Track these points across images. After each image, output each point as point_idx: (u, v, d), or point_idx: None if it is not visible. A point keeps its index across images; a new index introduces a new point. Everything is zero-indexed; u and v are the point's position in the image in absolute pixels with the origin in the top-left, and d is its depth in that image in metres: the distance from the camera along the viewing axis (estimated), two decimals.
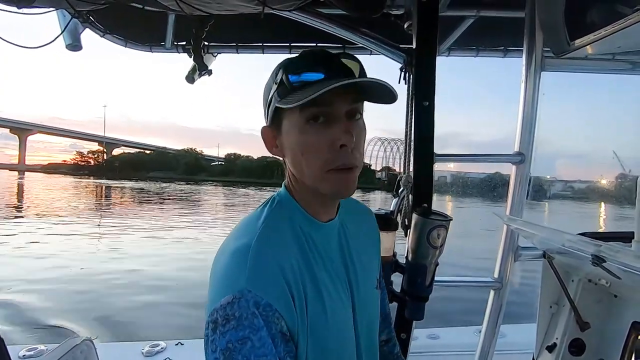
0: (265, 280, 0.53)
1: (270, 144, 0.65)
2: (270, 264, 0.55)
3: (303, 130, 0.58)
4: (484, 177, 34.05)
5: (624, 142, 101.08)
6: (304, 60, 0.59)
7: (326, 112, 0.57)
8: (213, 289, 0.55)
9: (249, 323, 0.50)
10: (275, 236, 0.59)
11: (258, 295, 0.51)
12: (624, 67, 1.32)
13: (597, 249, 0.81)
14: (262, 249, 0.56)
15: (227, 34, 1.57)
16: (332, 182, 0.59)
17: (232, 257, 0.56)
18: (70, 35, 1.33)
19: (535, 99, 1.25)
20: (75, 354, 1.18)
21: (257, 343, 0.49)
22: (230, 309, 0.51)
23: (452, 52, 1.57)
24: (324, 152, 0.58)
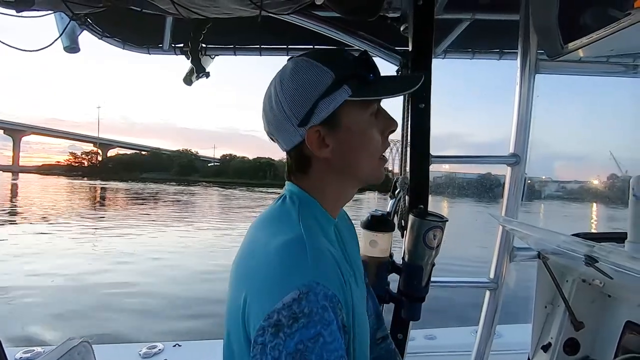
0: (328, 271, 0.51)
1: (320, 145, 0.61)
2: (326, 254, 0.53)
3: (370, 123, 0.62)
4: (476, 177, 34.20)
5: (617, 143, 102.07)
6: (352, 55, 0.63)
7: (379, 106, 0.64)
8: (265, 290, 0.50)
9: (320, 318, 0.46)
10: (316, 228, 0.58)
11: (326, 286, 0.48)
12: (617, 69, 1.34)
13: (590, 250, 0.82)
14: (314, 239, 0.54)
15: (225, 36, 1.58)
16: (381, 167, 0.66)
17: (286, 250, 0.52)
18: (68, 37, 1.34)
19: (530, 101, 1.27)
20: (72, 356, 1.18)
21: (329, 338, 0.46)
22: (297, 306, 0.46)
23: (448, 54, 1.58)
24: (381, 141, 0.64)
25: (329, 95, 0.58)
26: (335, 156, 0.61)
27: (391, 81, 0.65)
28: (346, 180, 0.65)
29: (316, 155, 0.61)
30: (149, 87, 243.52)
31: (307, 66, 0.60)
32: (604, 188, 27.38)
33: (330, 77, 0.59)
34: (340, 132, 0.61)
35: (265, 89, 0.65)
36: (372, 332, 0.84)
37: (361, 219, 1.21)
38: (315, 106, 0.59)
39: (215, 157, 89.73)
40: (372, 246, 1.18)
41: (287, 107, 0.60)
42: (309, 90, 0.59)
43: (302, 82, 0.60)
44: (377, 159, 0.64)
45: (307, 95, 0.59)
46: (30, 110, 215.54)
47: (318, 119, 0.59)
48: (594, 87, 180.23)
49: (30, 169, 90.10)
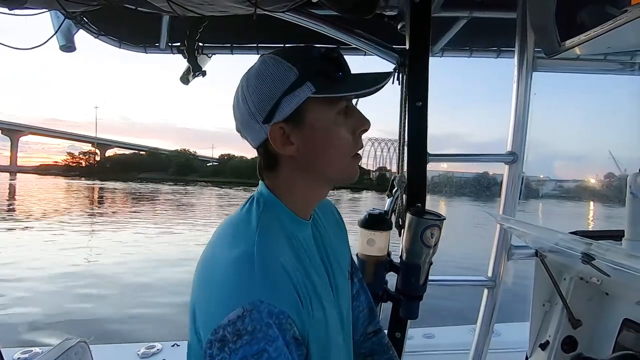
0: (276, 288, 0.51)
1: (283, 142, 0.60)
2: (277, 270, 0.53)
3: (337, 121, 0.61)
4: (472, 176, 34.29)
5: (614, 141, 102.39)
6: (319, 52, 0.62)
7: (349, 103, 0.63)
8: (211, 303, 0.52)
9: (264, 335, 0.47)
10: (273, 240, 0.57)
11: (271, 304, 0.49)
12: (615, 67, 1.34)
13: (587, 247, 0.82)
14: (266, 254, 0.54)
15: (222, 35, 1.57)
16: (354, 166, 0.64)
17: (234, 267, 0.53)
18: (64, 36, 1.33)
19: (527, 99, 1.27)
20: (69, 356, 1.18)
21: (274, 353, 0.47)
22: (241, 323, 0.47)
23: (445, 52, 1.58)
24: (352, 140, 0.62)
25: (292, 92, 0.58)
26: (301, 154, 0.61)
27: (358, 79, 0.62)
28: (314, 179, 0.64)
29: (282, 154, 0.61)
30: (149, 87, 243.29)
31: (273, 63, 0.60)
32: (601, 187, 27.42)
33: (294, 74, 0.59)
34: (305, 129, 0.60)
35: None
36: (363, 326, 0.84)
37: (359, 218, 1.21)
38: (278, 103, 0.59)
39: (214, 157, 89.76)
40: (370, 245, 1.18)
41: (252, 103, 0.60)
42: (273, 87, 0.59)
43: (267, 79, 0.60)
44: (348, 158, 0.63)
45: (270, 92, 0.59)
46: (30, 110, 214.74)
47: (281, 115, 0.59)
48: (591, 85, 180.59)
49: (28, 169, 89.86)
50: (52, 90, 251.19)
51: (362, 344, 0.84)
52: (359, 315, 0.83)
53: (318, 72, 0.59)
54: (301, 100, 0.58)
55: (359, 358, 0.84)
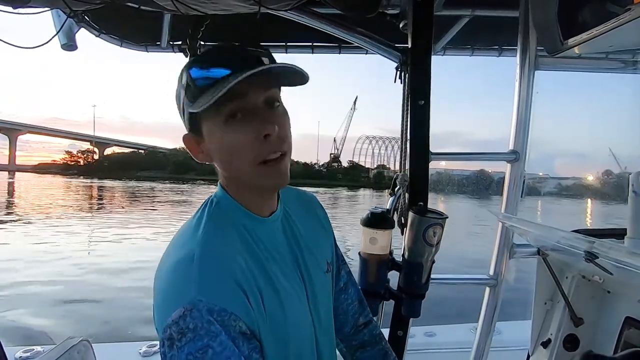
0: (215, 286, 0.53)
1: (195, 151, 0.62)
2: (217, 269, 0.54)
3: (225, 130, 0.57)
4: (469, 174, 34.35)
5: (615, 140, 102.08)
6: (206, 57, 0.58)
7: (243, 106, 0.56)
8: (160, 306, 0.54)
9: (206, 331, 0.49)
10: (218, 240, 0.58)
11: (210, 302, 0.51)
12: (617, 65, 1.34)
13: (590, 246, 0.82)
14: (206, 255, 0.55)
15: (223, 34, 1.56)
16: (265, 175, 0.59)
17: (176, 269, 0.55)
18: (66, 35, 1.33)
19: (529, 98, 1.26)
20: (72, 355, 1.18)
21: (218, 348, 0.49)
22: (183, 322, 0.49)
23: (447, 51, 1.58)
24: (251, 146, 0.57)
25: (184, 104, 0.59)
26: (215, 162, 0.62)
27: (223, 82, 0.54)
28: (239, 185, 0.63)
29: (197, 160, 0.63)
30: (149, 86, 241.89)
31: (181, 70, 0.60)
32: (599, 184, 27.35)
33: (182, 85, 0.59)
34: (204, 139, 0.60)
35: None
36: (354, 318, 0.85)
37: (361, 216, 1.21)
38: (182, 114, 0.61)
39: None
40: (372, 243, 1.18)
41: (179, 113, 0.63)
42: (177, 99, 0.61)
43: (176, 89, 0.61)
44: (253, 166, 0.58)
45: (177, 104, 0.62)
46: (31, 109, 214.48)
47: (187, 126, 0.62)
48: (593, 83, 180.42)
49: (27, 168, 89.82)
50: (53, 89, 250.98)
51: (353, 336, 0.85)
52: (348, 308, 0.84)
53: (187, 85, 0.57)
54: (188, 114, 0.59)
55: (351, 350, 0.85)
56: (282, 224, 0.68)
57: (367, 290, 1.18)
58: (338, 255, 0.83)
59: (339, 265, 0.83)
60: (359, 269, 1.21)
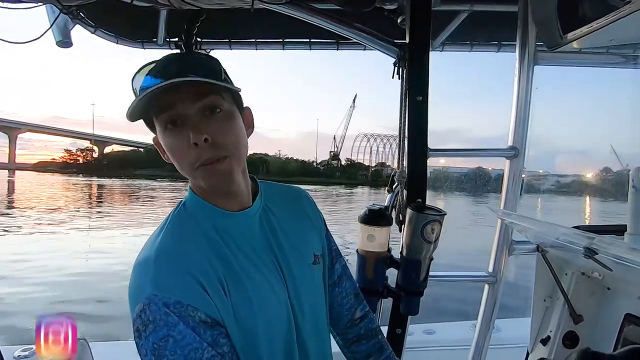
0: (169, 282, 0.57)
1: (162, 153, 0.67)
2: (171, 266, 0.59)
3: (164, 135, 0.62)
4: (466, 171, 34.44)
5: (616, 136, 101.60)
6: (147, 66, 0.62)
7: (177, 115, 0.60)
8: (128, 302, 0.59)
9: (164, 322, 0.54)
10: (175, 241, 0.63)
11: (165, 296, 0.55)
12: (617, 60, 1.33)
13: (589, 242, 0.81)
14: (161, 255, 0.60)
15: (220, 30, 1.55)
16: (205, 177, 0.62)
17: (135, 271, 0.60)
18: (60, 31, 1.32)
19: (529, 93, 1.25)
20: None
21: (179, 336, 0.54)
22: (144, 315, 0.55)
23: (446, 46, 1.56)
24: (185, 152, 0.61)
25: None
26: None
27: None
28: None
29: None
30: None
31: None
32: (598, 181, 27.30)
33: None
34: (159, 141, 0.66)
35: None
36: (350, 312, 0.85)
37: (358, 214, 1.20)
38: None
39: None
40: (370, 240, 1.17)
41: None
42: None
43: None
44: (193, 169, 0.62)
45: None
46: (33, 108, 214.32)
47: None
48: (593, 78, 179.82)
49: (27, 166, 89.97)
50: (55, 88, 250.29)
51: (349, 329, 0.86)
52: (343, 301, 0.84)
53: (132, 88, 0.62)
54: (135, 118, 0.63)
55: (347, 343, 0.86)
56: (260, 219, 0.71)
57: (365, 287, 1.17)
58: (332, 248, 0.83)
59: (333, 258, 0.83)
60: (356, 266, 1.20)
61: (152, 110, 0.61)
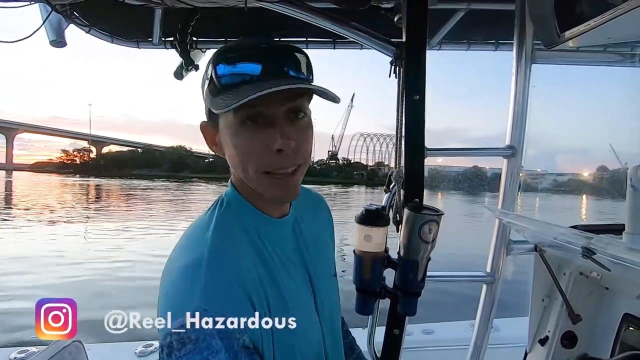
0: (222, 296, 0.50)
1: (211, 141, 0.62)
2: (227, 278, 0.52)
3: (237, 132, 0.55)
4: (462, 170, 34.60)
5: (614, 135, 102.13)
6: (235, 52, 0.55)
7: (262, 112, 0.54)
8: (163, 310, 0.51)
9: (207, 345, 0.46)
10: (228, 244, 0.56)
11: (216, 313, 0.48)
12: (615, 59, 1.32)
13: (587, 242, 0.81)
14: (216, 262, 0.52)
15: (216, 30, 1.54)
16: (269, 186, 0.57)
17: (183, 274, 0.52)
18: (54, 31, 1.30)
19: (526, 92, 1.24)
20: (63, 356, 1.17)
21: None
22: (185, 331, 0.47)
23: (443, 45, 1.56)
24: (259, 155, 0.55)
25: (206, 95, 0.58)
26: (227, 158, 0.60)
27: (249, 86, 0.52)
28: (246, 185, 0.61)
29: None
30: (151, 84, 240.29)
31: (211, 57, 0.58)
32: (596, 180, 27.39)
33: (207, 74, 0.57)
34: (219, 133, 0.59)
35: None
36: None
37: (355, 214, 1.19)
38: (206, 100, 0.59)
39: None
40: (367, 241, 1.16)
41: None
42: (202, 85, 0.59)
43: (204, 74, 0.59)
44: (258, 174, 0.56)
45: (202, 89, 0.59)
46: (32, 108, 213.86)
47: (206, 114, 0.60)
48: (591, 77, 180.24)
49: (24, 166, 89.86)
50: (55, 89, 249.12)
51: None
52: None
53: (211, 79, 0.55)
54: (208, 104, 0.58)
55: None
56: (293, 228, 0.66)
57: (362, 288, 1.16)
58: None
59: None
60: (353, 267, 1.19)
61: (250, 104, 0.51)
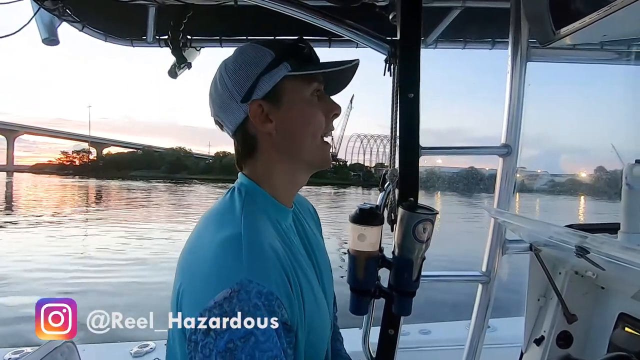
0: (265, 268, 0.49)
1: (263, 120, 0.63)
2: (266, 250, 0.52)
3: (311, 102, 0.64)
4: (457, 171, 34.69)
5: (608, 133, 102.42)
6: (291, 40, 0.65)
7: (321, 87, 0.66)
8: (198, 288, 0.49)
9: (252, 317, 0.45)
10: (260, 224, 0.57)
11: (260, 284, 0.47)
12: (611, 56, 1.31)
13: (581, 241, 0.80)
14: (254, 235, 0.53)
15: (211, 27, 1.54)
16: (325, 151, 0.66)
17: (222, 248, 0.51)
18: (47, 29, 1.30)
19: (521, 91, 1.23)
20: (55, 356, 1.16)
21: (262, 337, 0.45)
22: (228, 304, 0.45)
23: (439, 44, 1.55)
24: (324, 122, 0.65)
25: (270, 71, 0.61)
26: (279, 133, 0.63)
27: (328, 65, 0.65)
28: (292, 162, 0.65)
29: (261, 131, 0.63)
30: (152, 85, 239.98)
31: (250, 48, 0.64)
32: (593, 179, 27.35)
33: (270, 55, 0.62)
34: (282, 107, 0.63)
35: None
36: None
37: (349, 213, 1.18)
38: (257, 82, 0.62)
39: (210, 155, 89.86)
40: (361, 240, 1.14)
41: (230, 84, 0.62)
42: (251, 67, 0.62)
43: (244, 61, 0.63)
44: (319, 140, 0.65)
45: (248, 72, 0.62)
46: (36, 110, 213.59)
47: (260, 93, 0.62)
48: (587, 75, 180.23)
49: (25, 168, 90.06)
50: (58, 91, 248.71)
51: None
52: None
53: (292, 53, 0.63)
54: (279, 78, 0.62)
55: None
56: (293, 218, 0.69)
57: (356, 287, 1.15)
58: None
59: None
60: (347, 266, 1.18)
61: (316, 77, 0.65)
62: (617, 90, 7.06)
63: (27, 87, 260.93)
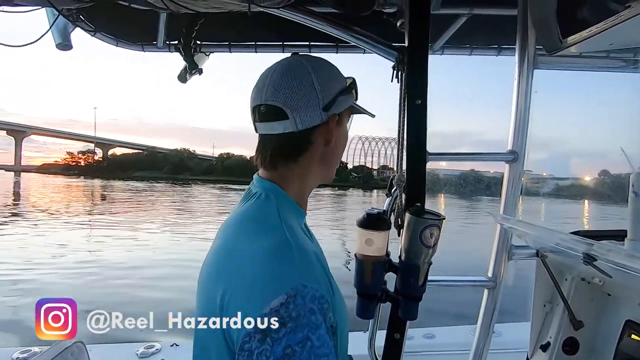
0: (315, 272, 0.51)
1: (333, 133, 0.67)
2: (311, 255, 0.54)
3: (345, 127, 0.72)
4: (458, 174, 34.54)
5: (615, 140, 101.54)
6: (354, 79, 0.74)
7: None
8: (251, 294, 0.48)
9: (307, 321, 0.45)
10: (295, 228, 0.58)
11: (314, 288, 0.48)
12: (618, 64, 1.32)
13: (588, 248, 0.80)
14: (299, 241, 0.54)
15: (220, 33, 1.56)
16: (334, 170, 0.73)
17: (273, 256, 0.51)
18: (60, 34, 1.32)
19: (528, 97, 1.24)
20: (65, 356, 1.18)
21: (317, 342, 0.45)
22: (285, 310, 0.45)
23: (446, 50, 1.56)
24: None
25: (346, 94, 0.68)
26: (331, 149, 0.68)
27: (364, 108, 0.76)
28: (324, 174, 0.71)
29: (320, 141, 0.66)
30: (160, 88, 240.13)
31: (330, 64, 0.70)
32: (598, 185, 27.08)
33: (344, 79, 0.70)
34: (340, 130, 0.69)
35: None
36: None
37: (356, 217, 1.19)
38: (336, 98, 0.66)
39: (214, 156, 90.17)
40: (368, 245, 1.16)
41: (319, 88, 0.64)
42: (336, 82, 0.67)
43: (333, 74, 0.68)
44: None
45: (335, 86, 0.67)
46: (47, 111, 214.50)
47: (337, 109, 0.66)
48: (593, 83, 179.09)
49: (31, 168, 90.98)
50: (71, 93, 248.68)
51: None
52: None
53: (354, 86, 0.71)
54: (350, 103, 0.69)
55: None
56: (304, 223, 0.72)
57: (363, 292, 1.16)
58: None
59: None
60: (355, 271, 1.19)
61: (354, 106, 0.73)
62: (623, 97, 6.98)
63: (40, 90, 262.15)
